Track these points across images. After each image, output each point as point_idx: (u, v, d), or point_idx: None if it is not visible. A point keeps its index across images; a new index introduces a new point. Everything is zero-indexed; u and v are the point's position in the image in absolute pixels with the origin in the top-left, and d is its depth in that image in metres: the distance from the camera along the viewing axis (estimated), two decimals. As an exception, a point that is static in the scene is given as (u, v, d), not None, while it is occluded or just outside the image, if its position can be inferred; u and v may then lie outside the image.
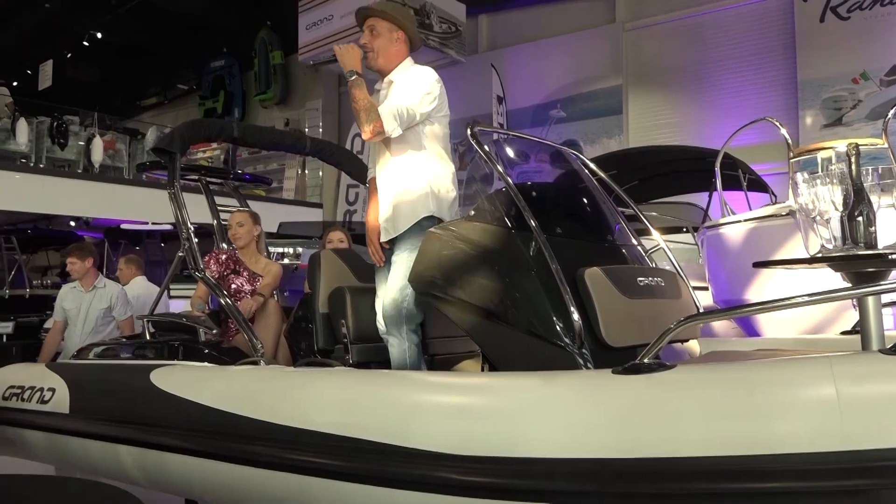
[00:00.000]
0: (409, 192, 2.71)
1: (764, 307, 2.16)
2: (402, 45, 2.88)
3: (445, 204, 2.75)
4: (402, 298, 2.64)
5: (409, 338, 2.68)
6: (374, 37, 2.84)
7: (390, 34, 2.85)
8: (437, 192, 2.73)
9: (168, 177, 3.24)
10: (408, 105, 2.65)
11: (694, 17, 10.80)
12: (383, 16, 2.84)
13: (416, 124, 2.71)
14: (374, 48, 2.84)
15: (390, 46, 2.85)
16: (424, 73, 2.80)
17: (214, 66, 16.67)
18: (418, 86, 2.72)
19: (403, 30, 2.87)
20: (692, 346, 2.60)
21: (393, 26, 2.85)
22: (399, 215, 2.73)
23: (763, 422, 1.49)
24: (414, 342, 2.69)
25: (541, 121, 12.17)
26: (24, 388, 3.22)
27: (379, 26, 2.85)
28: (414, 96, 2.68)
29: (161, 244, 12.58)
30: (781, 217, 3.88)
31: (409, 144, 2.75)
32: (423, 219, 2.68)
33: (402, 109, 2.63)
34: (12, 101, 12.11)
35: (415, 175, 2.73)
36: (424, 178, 2.72)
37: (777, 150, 6.86)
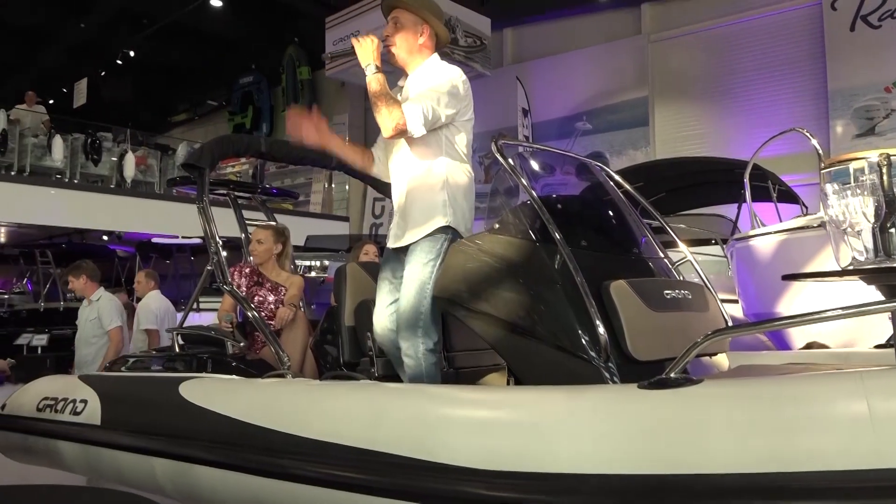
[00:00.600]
0: (426, 200, 2.59)
1: (794, 321, 2.12)
2: (427, 40, 2.70)
3: (462, 213, 2.63)
4: (419, 305, 2.52)
5: (423, 340, 2.55)
6: (397, 29, 2.67)
7: (415, 27, 2.67)
8: (455, 202, 2.60)
9: (197, 191, 3.28)
10: (434, 105, 2.48)
11: (720, 28, 10.74)
12: (408, 7, 2.67)
13: (439, 127, 2.57)
14: (398, 41, 2.67)
15: (415, 40, 2.68)
16: (452, 72, 2.62)
17: (243, 82, 16.97)
18: (445, 86, 2.55)
19: (429, 23, 2.69)
20: (720, 360, 2.56)
21: (418, 19, 2.67)
22: (413, 224, 2.61)
23: (792, 438, 1.46)
24: (428, 347, 2.56)
25: (566, 133, 12.16)
26: (58, 399, 3.27)
27: (403, 18, 2.67)
28: (441, 96, 2.51)
29: (191, 257, 12.76)
30: (813, 229, 3.82)
31: (429, 148, 2.61)
32: (438, 229, 2.57)
33: (427, 108, 2.47)
34: (48, 119, 12.45)
35: (433, 182, 2.59)
36: (443, 185, 2.59)
37: (807, 160, 6.76)
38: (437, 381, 2.63)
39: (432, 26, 2.70)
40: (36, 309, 10.37)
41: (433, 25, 2.70)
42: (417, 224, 2.60)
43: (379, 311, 2.78)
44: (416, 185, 2.64)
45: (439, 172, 2.61)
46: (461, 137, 2.66)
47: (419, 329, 2.55)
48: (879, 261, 1.82)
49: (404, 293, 2.58)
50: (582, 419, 1.73)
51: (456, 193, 2.62)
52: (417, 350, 2.56)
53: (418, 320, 2.54)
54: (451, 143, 2.63)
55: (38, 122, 12.26)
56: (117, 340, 5.54)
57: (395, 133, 2.50)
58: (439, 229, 2.57)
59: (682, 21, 11.14)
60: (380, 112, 2.48)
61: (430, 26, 2.70)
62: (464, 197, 2.65)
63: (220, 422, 2.45)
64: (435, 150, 2.61)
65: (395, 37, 2.67)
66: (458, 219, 2.61)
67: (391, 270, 2.76)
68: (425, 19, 2.69)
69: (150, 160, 13.30)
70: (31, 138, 11.74)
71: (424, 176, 2.62)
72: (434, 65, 2.70)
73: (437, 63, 2.72)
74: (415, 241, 2.60)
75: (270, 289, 3.89)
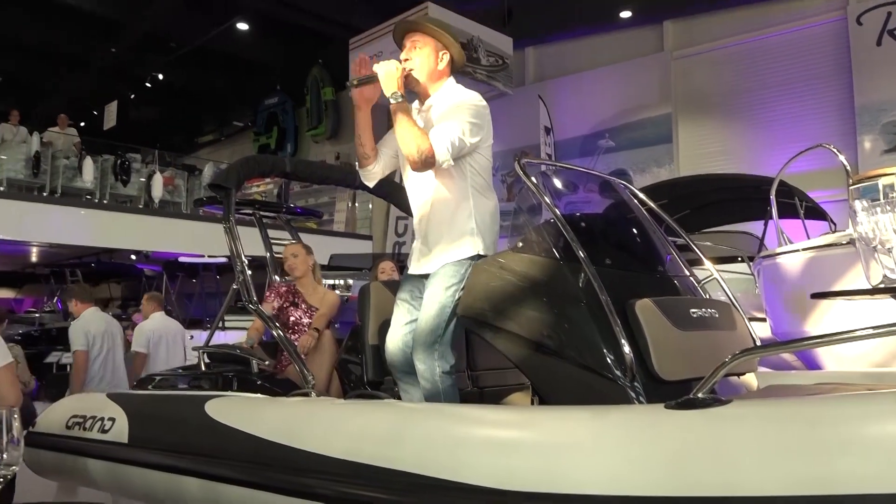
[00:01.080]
0: (454, 229, 2.57)
1: (824, 340, 2.08)
2: (445, 65, 2.65)
3: (492, 239, 2.61)
4: (437, 327, 2.49)
5: (439, 362, 2.51)
6: (417, 53, 2.61)
7: (436, 52, 2.62)
8: (484, 228, 2.58)
9: (223, 211, 3.32)
10: (459, 134, 2.43)
11: (744, 44, 10.69)
12: (429, 31, 2.61)
13: (463, 155, 2.53)
14: (418, 66, 2.60)
15: (435, 65, 2.62)
16: (472, 98, 2.58)
17: (268, 103, 17.23)
18: (468, 113, 2.50)
19: (449, 49, 2.64)
20: (749, 379, 2.52)
21: (439, 44, 2.62)
22: (440, 251, 2.59)
23: (825, 461, 1.43)
24: (444, 370, 2.51)
25: (589, 151, 12.14)
26: (87, 416, 3.31)
27: (423, 42, 2.61)
28: (464, 125, 2.46)
29: (216, 276, 12.91)
30: (842, 246, 3.76)
31: (454, 177, 2.57)
32: (466, 258, 2.54)
33: (454, 138, 2.42)
34: (79, 141, 12.72)
35: (460, 211, 2.57)
36: (470, 214, 2.57)
37: (835, 176, 6.68)
38: (455, 402, 2.60)
39: (451, 50, 2.65)
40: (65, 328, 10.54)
41: (452, 49, 2.65)
42: (445, 251, 2.57)
43: (393, 331, 2.74)
44: (442, 212, 2.59)
45: (466, 201, 2.58)
46: (484, 162, 2.63)
47: (436, 351, 2.51)
48: (912, 278, 1.79)
49: (424, 314, 2.54)
50: (608, 440, 1.71)
51: (484, 219, 2.59)
52: (434, 372, 2.52)
53: (435, 342, 2.51)
54: (475, 170, 2.60)
55: (69, 144, 12.54)
56: (78, 364, 5.29)
57: (423, 166, 2.44)
58: (468, 257, 2.54)
59: (706, 37, 11.11)
60: (407, 144, 2.43)
61: (449, 51, 2.65)
62: (492, 222, 2.63)
63: (244, 440, 2.47)
64: (460, 178, 2.57)
65: (415, 62, 2.61)
66: (486, 245, 2.58)
67: (410, 293, 2.72)
68: (445, 45, 2.64)
69: (178, 180, 13.52)
70: (63, 160, 12.01)
71: (451, 204, 2.58)
72: (453, 89, 2.66)
73: (455, 87, 2.67)
74: (440, 266, 2.57)
75: (305, 310, 3.92)
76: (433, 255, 2.61)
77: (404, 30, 2.67)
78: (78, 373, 5.23)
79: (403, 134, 2.45)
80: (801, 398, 1.72)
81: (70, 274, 14.01)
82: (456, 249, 2.56)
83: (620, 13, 11.74)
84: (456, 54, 2.67)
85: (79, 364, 5.27)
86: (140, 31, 14.22)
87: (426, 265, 2.64)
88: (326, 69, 15.43)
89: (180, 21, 14.04)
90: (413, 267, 2.72)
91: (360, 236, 14.21)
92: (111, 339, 5.58)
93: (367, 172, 2.82)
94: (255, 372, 3.41)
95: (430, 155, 2.41)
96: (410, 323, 2.69)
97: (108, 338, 5.55)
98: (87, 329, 5.46)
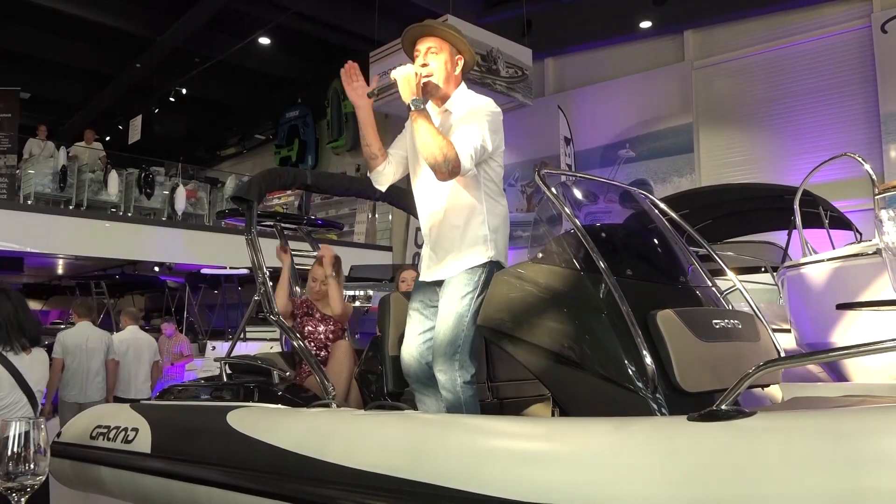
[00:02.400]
0: (468, 235, 2.56)
1: (850, 352, 2.04)
2: (461, 70, 2.63)
3: (504, 245, 2.62)
4: (457, 338, 2.48)
5: (460, 373, 2.49)
6: (434, 59, 2.57)
7: (451, 57, 2.59)
8: (497, 234, 2.58)
9: (245, 223, 3.36)
10: (481, 142, 2.42)
11: (765, 53, 10.60)
12: (445, 35, 2.58)
13: (479, 162, 2.50)
14: (436, 71, 2.56)
15: (451, 70, 2.59)
16: (488, 104, 2.55)
17: (289, 116, 17.39)
18: (485, 120, 2.47)
19: (463, 53, 2.62)
20: (773, 391, 2.48)
21: (454, 49, 2.60)
22: (453, 257, 2.57)
23: (852, 475, 1.40)
24: (465, 380, 2.50)
25: (609, 161, 12.09)
26: (110, 427, 3.35)
27: (438, 46, 2.58)
28: (484, 132, 2.44)
29: (238, 288, 13.01)
30: (868, 256, 3.70)
31: (467, 184, 2.55)
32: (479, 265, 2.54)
33: (476, 145, 2.40)
34: (105, 155, 12.94)
35: (473, 216, 2.56)
36: (483, 220, 2.56)
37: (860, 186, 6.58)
38: (477, 412, 2.59)
39: (465, 56, 2.63)
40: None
41: (465, 54, 2.63)
42: (458, 258, 2.56)
43: (408, 341, 2.73)
44: (455, 219, 2.58)
45: (479, 207, 2.57)
46: (497, 169, 2.63)
47: (456, 362, 2.50)
48: (940, 289, 1.76)
49: (441, 325, 2.53)
50: (630, 452, 1.69)
51: (497, 226, 2.60)
52: (455, 383, 2.51)
53: (455, 353, 2.50)
54: (489, 176, 2.59)
55: (95, 158, 12.75)
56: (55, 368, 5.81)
57: (448, 175, 2.38)
58: (481, 264, 2.54)
59: (727, 47, 11.03)
60: (432, 152, 2.35)
61: (463, 56, 2.62)
62: (504, 228, 2.63)
63: (266, 451, 2.48)
64: (474, 184, 2.56)
65: (433, 66, 2.57)
66: (498, 251, 2.59)
67: (422, 301, 2.71)
68: (460, 49, 2.62)
69: (200, 193, 13.68)
70: (89, 174, 12.21)
71: (464, 211, 2.57)
72: (467, 94, 2.63)
73: (468, 92, 2.64)
74: (453, 274, 2.56)
75: (321, 319, 3.94)
76: (446, 262, 2.59)
77: (416, 35, 2.63)
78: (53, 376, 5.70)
79: (427, 142, 2.36)
80: (826, 410, 1.69)
81: (95, 286, 14.20)
82: (469, 256, 2.55)
83: (640, 23, 11.70)
84: (469, 58, 2.65)
85: (55, 369, 5.80)
86: (165, 47, 14.46)
87: (438, 272, 2.62)
88: (347, 82, 15.54)
89: (204, 37, 14.25)
90: (424, 274, 2.71)
91: (380, 247, 14.26)
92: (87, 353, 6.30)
93: (378, 175, 2.75)
94: (276, 382, 3.42)
95: (456, 164, 2.35)
96: (425, 332, 2.69)
97: (82, 351, 6.28)
98: (65, 341, 6.20)
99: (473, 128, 2.44)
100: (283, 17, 12.81)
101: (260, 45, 14.67)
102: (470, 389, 2.53)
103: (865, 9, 9.72)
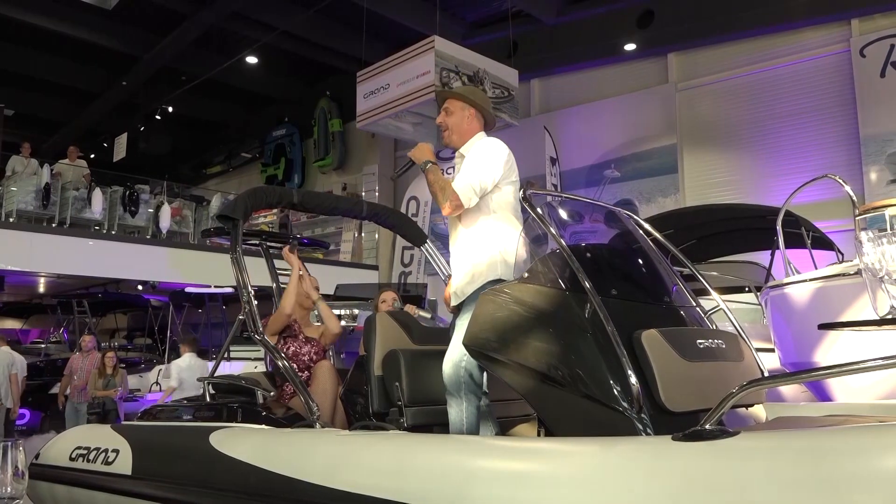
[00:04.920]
0: (479, 260, 2.79)
1: (833, 372, 2.06)
2: (474, 122, 3.07)
3: (514, 267, 2.79)
4: (461, 360, 2.65)
5: (467, 399, 2.67)
6: (447, 115, 3.08)
7: (462, 112, 3.06)
8: (506, 257, 2.78)
9: (231, 242, 3.35)
10: (479, 176, 2.80)
11: (748, 76, 10.77)
12: (455, 96, 3.09)
13: (487, 193, 2.84)
14: (448, 125, 3.06)
15: (462, 123, 3.06)
16: (493, 143, 2.97)
17: (276, 134, 17.40)
18: (487, 155, 2.88)
19: (475, 108, 3.06)
20: (757, 411, 2.49)
21: (465, 105, 3.06)
22: (467, 281, 2.81)
23: (835, 494, 1.41)
24: (474, 404, 2.68)
25: (595, 181, 12.18)
26: (90, 448, 3.30)
27: (452, 106, 3.07)
28: (483, 166, 2.83)
29: (223, 307, 12.91)
30: (849, 276, 3.74)
31: (479, 213, 2.86)
32: (488, 282, 2.72)
33: (473, 181, 2.79)
34: (89, 173, 12.85)
35: (484, 242, 2.81)
36: (493, 244, 2.79)
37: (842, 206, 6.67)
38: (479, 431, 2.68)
39: (478, 109, 3.06)
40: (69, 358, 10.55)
41: (478, 108, 3.07)
42: (471, 281, 2.79)
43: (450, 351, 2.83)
44: (470, 248, 2.84)
45: (490, 233, 2.83)
46: (506, 197, 2.90)
47: (461, 380, 2.66)
48: (919, 309, 1.78)
49: (452, 344, 2.73)
50: (615, 472, 1.69)
51: (507, 249, 2.81)
52: (461, 406, 2.68)
53: (461, 370, 2.66)
54: (498, 204, 2.88)
55: (79, 175, 12.65)
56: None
57: (452, 210, 2.83)
58: (490, 282, 2.72)
59: (710, 70, 11.20)
60: (437, 196, 2.83)
61: (475, 109, 3.06)
62: (515, 252, 2.83)
63: (249, 472, 2.45)
64: (485, 213, 2.86)
65: (447, 121, 3.06)
66: (510, 272, 2.77)
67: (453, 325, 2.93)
68: (471, 104, 3.06)
69: (186, 211, 13.59)
70: (73, 191, 12.10)
71: (477, 239, 2.84)
72: (479, 141, 3.03)
73: (483, 139, 3.04)
74: (468, 295, 2.79)
75: (305, 340, 3.91)
76: (462, 286, 2.84)
77: (441, 98, 3.16)
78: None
79: (433, 189, 2.86)
80: (809, 430, 1.70)
81: (77, 304, 14.04)
82: (479, 277, 2.77)
83: (625, 46, 11.86)
84: (481, 109, 3.09)
85: None
86: (151, 65, 14.46)
87: (453, 298, 2.90)
88: (334, 101, 15.60)
89: (191, 55, 14.27)
90: (452, 300, 2.94)
91: (366, 266, 14.22)
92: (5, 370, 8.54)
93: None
94: (260, 403, 3.39)
95: (456, 199, 2.78)
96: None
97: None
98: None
99: (472, 166, 2.85)
100: (271, 36, 12.86)
101: (247, 64, 14.70)
102: (476, 400, 2.70)
103: (844, 33, 9.92)
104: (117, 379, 9.06)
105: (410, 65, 9.77)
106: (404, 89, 9.84)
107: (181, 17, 12.96)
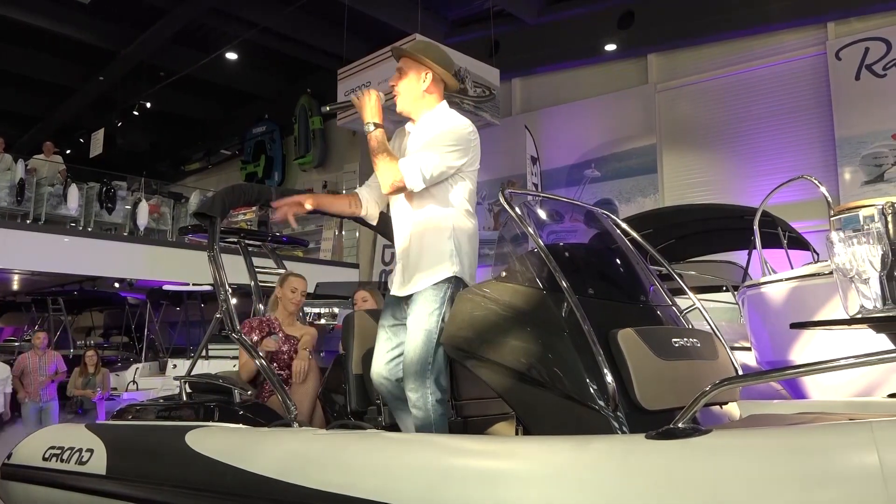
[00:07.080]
0: (433, 249, 2.59)
1: (805, 370, 2.09)
2: (431, 87, 2.70)
3: (469, 262, 2.64)
4: (427, 356, 2.49)
5: (431, 390, 2.50)
6: (401, 76, 2.70)
7: (418, 74, 2.68)
8: (461, 250, 2.60)
9: (208, 239, 3.32)
10: (434, 161, 2.49)
11: (726, 77, 10.89)
12: (410, 55, 2.69)
13: (445, 179, 2.57)
14: (401, 89, 2.71)
15: (416, 87, 2.69)
16: (457, 122, 2.63)
17: (256, 131, 17.28)
18: (451, 138, 2.55)
19: (432, 70, 2.68)
20: (731, 409, 2.52)
21: (421, 66, 2.68)
22: (419, 272, 2.60)
23: (802, 491, 1.43)
24: (437, 398, 2.52)
25: (575, 180, 12.24)
26: (64, 448, 3.26)
27: (406, 66, 2.69)
28: (444, 149, 2.52)
29: (201, 305, 12.79)
30: (823, 276, 3.79)
31: (434, 199, 2.60)
32: (445, 279, 2.56)
33: (426, 164, 2.48)
34: (65, 169, 12.66)
35: (440, 231, 2.59)
36: (450, 235, 2.59)
37: (817, 207, 6.77)
38: (445, 431, 2.59)
39: (436, 73, 2.69)
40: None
41: (437, 72, 2.69)
42: (423, 273, 2.59)
43: (377, 359, 2.74)
44: (421, 233, 2.62)
45: (446, 222, 2.61)
46: (467, 186, 2.66)
47: (427, 380, 2.51)
48: (888, 309, 1.81)
49: (410, 344, 2.54)
50: (588, 470, 1.70)
51: (462, 242, 2.62)
52: (427, 401, 2.51)
53: (426, 371, 2.50)
54: (457, 193, 2.63)
55: (54, 171, 12.47)
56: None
57: (392, 190, 2.56)
58: (446, 279, 2.56)
59: (689, 71, 11.31)
60: (378, 169, 2.56)
61: (433, 73, 2.69)
62: (469, 245, 2.65)
63: (225, 472, 2.43)
64: (441, 200, 2.61)
65: (399, 84, 2.72)
66: (464, 268, 2.61)
67: (391, 317, 2.73)
68: (428, 66, 2.69)
69: (164, 208, 13.46)
70: (48, 188, 11.93)
71: (431, 224, 2.61)
72: (441, 113, 2.70)
73: (445, 112, 2.71)
74: (420, 289, 2.58)
75: (284, 340, 3.89)
76: (413, 277, 2.62)
77: (396, 55, 2.77)
78: None
79: (375, 159, 2.56)
80: (780, 428, 1.73)
81: (52, 302, 13.84)
82: (434, 273, 2.57)
83: (606, 46, 11.94)
84: (445, 77, 2.72)
85: None
86: (129, 60, 14.28)
87: (407, 287, 2.65)
88: (315, 98, 15.53)
89: (169, 51, 14.11)
90: (394, 289, 2.73)
91: (346, 265, 14.17)
92: None
93: (367, 219, 3.05)
94: (238, 402, 3.36)
95: (399, 180, 2.51)
96: (394, 349, 2.69)
97: None
98: None
99: (431, 149, 2.54)
100: (251, 32, 12.76)
101: (227, 60, 14.58)
102: (441, 407, 2.54)
103: (821, 36, 10.06)
104: (98, 378, 8.91)
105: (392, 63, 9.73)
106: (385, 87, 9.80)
107: (160, 12, 12.82)
